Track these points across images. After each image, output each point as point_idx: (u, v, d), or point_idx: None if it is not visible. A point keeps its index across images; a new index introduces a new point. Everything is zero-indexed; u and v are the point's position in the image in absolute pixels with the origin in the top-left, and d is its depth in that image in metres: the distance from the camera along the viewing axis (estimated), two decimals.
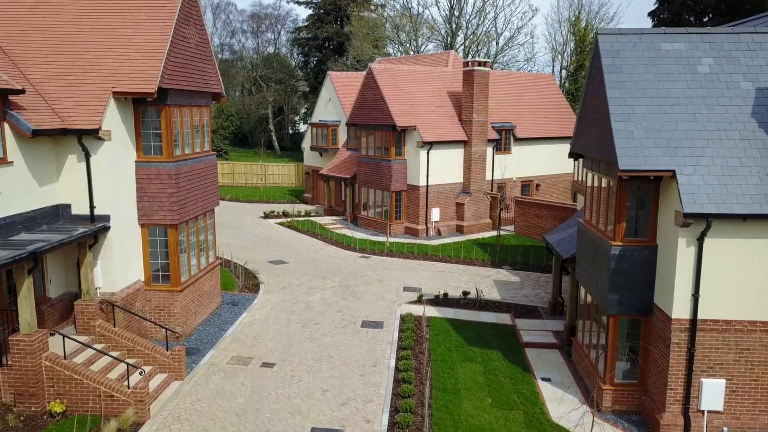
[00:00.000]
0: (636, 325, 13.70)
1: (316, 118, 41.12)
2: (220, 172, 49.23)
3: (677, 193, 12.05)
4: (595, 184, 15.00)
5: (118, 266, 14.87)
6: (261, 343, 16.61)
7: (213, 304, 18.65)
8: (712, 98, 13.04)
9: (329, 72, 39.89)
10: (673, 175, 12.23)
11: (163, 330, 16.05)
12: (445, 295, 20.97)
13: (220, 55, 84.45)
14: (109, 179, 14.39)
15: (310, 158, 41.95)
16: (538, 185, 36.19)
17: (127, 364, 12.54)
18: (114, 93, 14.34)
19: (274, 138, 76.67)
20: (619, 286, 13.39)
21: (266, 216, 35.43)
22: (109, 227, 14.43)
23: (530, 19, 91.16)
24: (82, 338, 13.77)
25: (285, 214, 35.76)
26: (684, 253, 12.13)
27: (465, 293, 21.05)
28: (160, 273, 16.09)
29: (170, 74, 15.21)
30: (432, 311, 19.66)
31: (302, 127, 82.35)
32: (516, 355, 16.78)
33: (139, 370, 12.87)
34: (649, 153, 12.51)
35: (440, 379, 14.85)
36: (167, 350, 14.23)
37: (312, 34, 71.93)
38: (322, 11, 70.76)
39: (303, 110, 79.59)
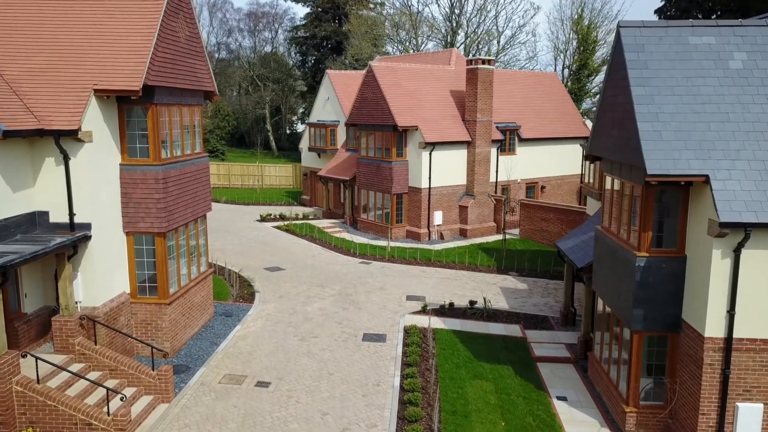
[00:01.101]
0: (662, 342, 12.63)
1: (314, 117, 40.01)
2: (215, 174, 48.08)
3: (711, 200, 10.98)
4: (616, 189, 13.92)
5: (101, 278, 13.74)
6: (256, 359, 15.50)
7: (205, 316, 17.54)
8: (746, 96, 11.97)
9: (328, 71, 38.79)
10: (706, 180, 11.16)
11: (152, 344, 14.92)
12: (451, 304, 19.87)
13: (216, 55, 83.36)
14: (90, 184, 13.26)
15: (308, 159, 40.83)
16: (543, 187, 35.12)
17: (107, 388, 11.42)
18: (95, 91, 13.22)
19: (271, 138, 75.55)
20: (644, 301, 12.31)
21: (262, 219, 34.31)
22: (90, 236, 13.31)
23: (532, 17, 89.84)
24: (60, 358, 12.64)
25: (282, 217, 34.65)
26: (719, 265, 11.06)
27: (472, 303, 19.95)
28: (147, 284, 14.97)
29: (157, 70, 14.09)
30: (437, 322, 18.57)
31: (300, 127, 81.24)
32: (528, 371, 15.70)
33: (120, 395, 11.73)
34: (679, 156, 11.44)
35: (449, 399, 13.75)
36: (153, 370, 13.11)
37: (310, 33, 70.79)
38: (320, 9, 69.61)
39: (301, 110, 78.48)
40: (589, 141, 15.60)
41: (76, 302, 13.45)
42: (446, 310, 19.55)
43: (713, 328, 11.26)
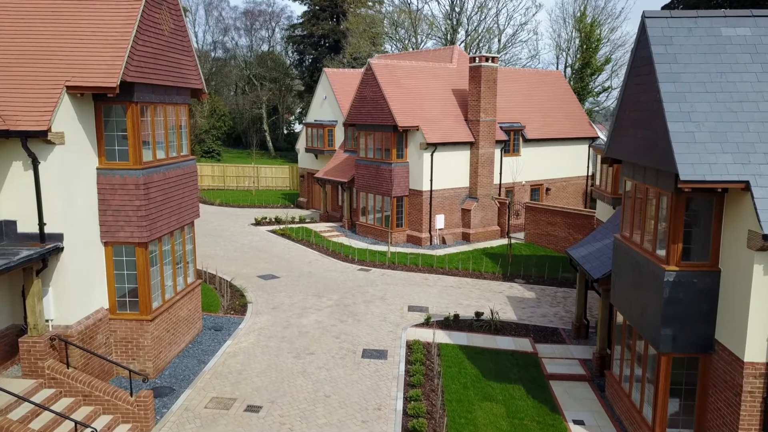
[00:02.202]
0: (692, 364, 11.46)
1: (311, 117, 38.79)
2: (209, 175, 46.80)
3: (753, 210, 9.80)
4: (639, 196, 12.74)
5: (75, 294, 12.52)
6: (246, 379, 14.29)
7: (192, 331, 16.32)
8: None
9: (325, 69, 37.56)
10: (746, 186, 9.99)
11: (132, 365, 13.72)
12: (456, 316, 18.67)
13: (212, 53, 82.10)
14: (62, 190, 12.05)
15: (305, 160, 39.61)
16: (548, 189, 33.95)
17: (75, 422, 10.20)
18: (68, 88, 12.00)
19: (268, 138, 74.33)
20: (673, 319, 11.14)
21: (257, 223, 33.06)
22: (62, 248, 12.09)
23: (533, 15, 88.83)
24: (28, 383, 11.43)
25: (278, 221, 33.41)
26: (761, 282, 9.89)
27: (478, 314, 18.76)
28: (127, 299, 13.75)
29: (137, 66, 12.88)
30: (442, 336, 17.37)
31: (297, 127, 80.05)
32: (541, 391, 14.53)
33: (90, 430, 10.50)
34: (715, 160, 10.27)
35: (457, 426, 12.55)
36: (131, 395, 11.90)
37: (307, 32, 69.54)
38: (317, 8, 68.38)
39: (298, 110, 77.24)
40: (607, 143, 14.42)
41: (47, 321, 12.23)
42: (451, 323, 18.35)
43: (754, 351, 10.09)
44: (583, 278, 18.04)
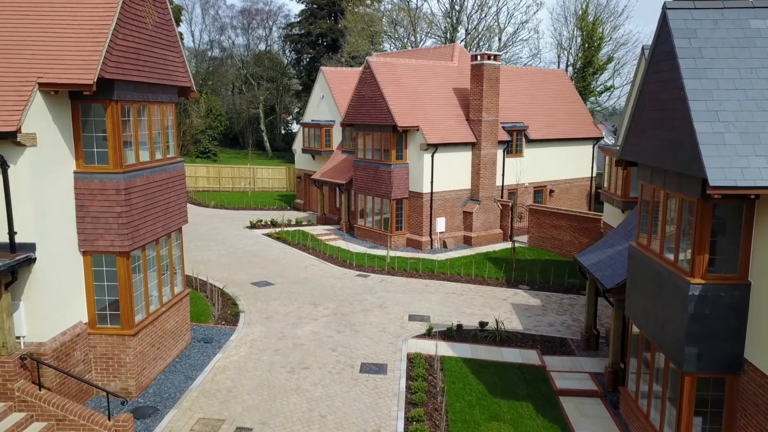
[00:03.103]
0: (719, 385, 10.54)
1: (308, 117, 37.84)
2: (205, 176, 45.83)
3: None
4: (658, 201, 11.82)
5: (49, 307, 11.58)
6: (236, 397, 13.34)
7: (180, 344, 15.37)
8: None
9: (322, 67, 36.63)
10: None
11: (113, 383, 12.79)
12: (459, 326, 17.75)
13: (209, 53, 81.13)
14: (35, 196, 11.11)
15: (302, 161, 38.67)
16: (551, 191, 33.04)
17: None
18: (40, 85, 11.06)
19: (265, 139, 73.40)
20: (699, 337, 10.22)
21: (252, 226, 32.08)
22: (34, 258, 11.15)
23: (534, 13, 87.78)
24: None
25: (273, 224, 32.44)
26: None
27: (482, 324, 17.83)
28: (107, 312, 12.80)
29: (117, 61, 11.94)
30: (445, 348, 16.45)
31: (295, 127, 79.10)
32: (551, 408, 13.61)
33: None
34: (747, 163, 9.35)
35: None
36: (109, 419, 10.96)
37: (305, 30, 68.65)
38: (315, 6, 67.46)
39: (296, 110, 76.30)
40: (621, 144, 13.50)
41: (18, 338, 11.29)
42: (454, 334, 17.43)
43: None
44: (593, 286, 17.13)
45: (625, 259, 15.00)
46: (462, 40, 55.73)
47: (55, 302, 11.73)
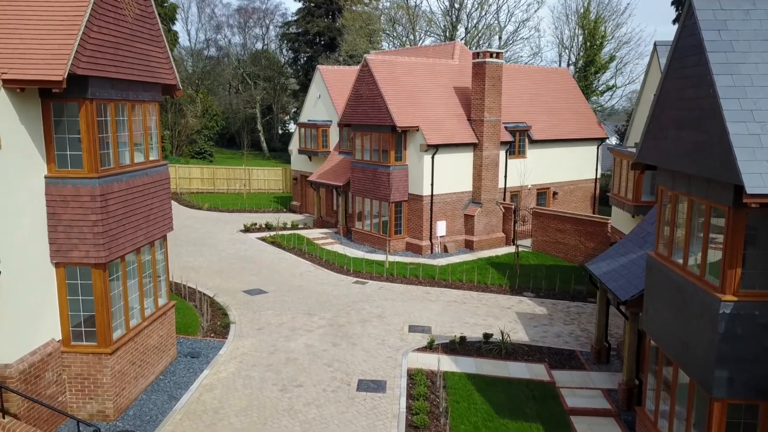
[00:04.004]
0: (752, 411, 9.59)
1: (304, 117, 36.85)
2: (199, 177, 44.79)
3: None
4: (680, 208, 10.86)
5: (17, 325, 10.59)
6: (223, 419, 12.35)
7: (164, 360, 14.37)
8: None
9: (319, 66, 35.64)
10: None
11: (89, 405, 11.80)
12: (462, 338, 16.77)
13: (205, 52, 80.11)
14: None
15: (298, 162, 37.67)
16: (555, 193, 32.08)
17: None
18: (4, 81, 10.07)
19: (262, 139, 72.40)
20: (730, 359, 9.26)
21: (246, 229, 31.06)
22: None
23: (535, 11, 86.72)
24: None
25: (268, 227, 31.43)
26: None
27: (486, 336, 16.86)
28: (83, 329, 11.81)
29: (92, 56, 10.95)
30: (447, 362, 15.47)
31: (292, 127, 78.08)
32: (561, 429, 12.65)
33: None
34: None
35: None
36: None
37: (302, 29, 67.65)
38: (312, 4, 66.46)
39: (293, 109, 75.30)
40: (639, 146, 12.52)
41: None
42: (457, 346, 16.45)
43: None
44: (604, 297, 16.18)
45: (639, 269, 14.05)
46: (462, 39, 54.76)
47: (24, 319, 10.74)
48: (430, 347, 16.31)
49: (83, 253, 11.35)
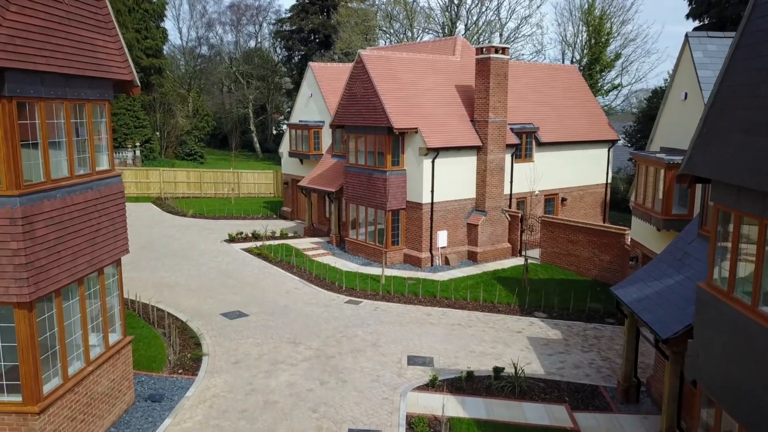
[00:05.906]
0: None
1: (295, 117, 34.62)
2: (185, 181, 42.43)
3: None
4: (746, 233, 8.67)
5: None
6: None
7: (116, 409, 12.12)
8: None
9: (311, 63, 33.43)
10: None
11: None
12: (470, 374, 14.55)
13: (197, 50, 77.78)
14: None
15: (289, 165, 35.44)
16: (564, 199, 29.89)
17: None
18: None
19: (255, 139, 70.15)
20: None
21: (231, 239, 28.77)
22: None
23: (538, 8, 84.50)
24: None
25: (255, 236, 29.17)
26: None
27: (497, 370, 14.64)
28: (4, 382, 9.56)
29: (9, 43, 8.70)
30: (453, 405, 13.25)
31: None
32: None
33: None
34: None
35: None
36: None
37: (296, 26, 65.51)
38: (306, 1, 64.31)
39: (287, 109, 73.06)
40: (688, 154, 10.33)
41: None
42: (464, 384, 14.23)
43: None
44: (633, 328, 14.01)
45: (680, 298, 11.90)
46: (462, 36, 52.60)
47: None
48: (432, 385, 14.09)
49: (2, 289, 9.11)
